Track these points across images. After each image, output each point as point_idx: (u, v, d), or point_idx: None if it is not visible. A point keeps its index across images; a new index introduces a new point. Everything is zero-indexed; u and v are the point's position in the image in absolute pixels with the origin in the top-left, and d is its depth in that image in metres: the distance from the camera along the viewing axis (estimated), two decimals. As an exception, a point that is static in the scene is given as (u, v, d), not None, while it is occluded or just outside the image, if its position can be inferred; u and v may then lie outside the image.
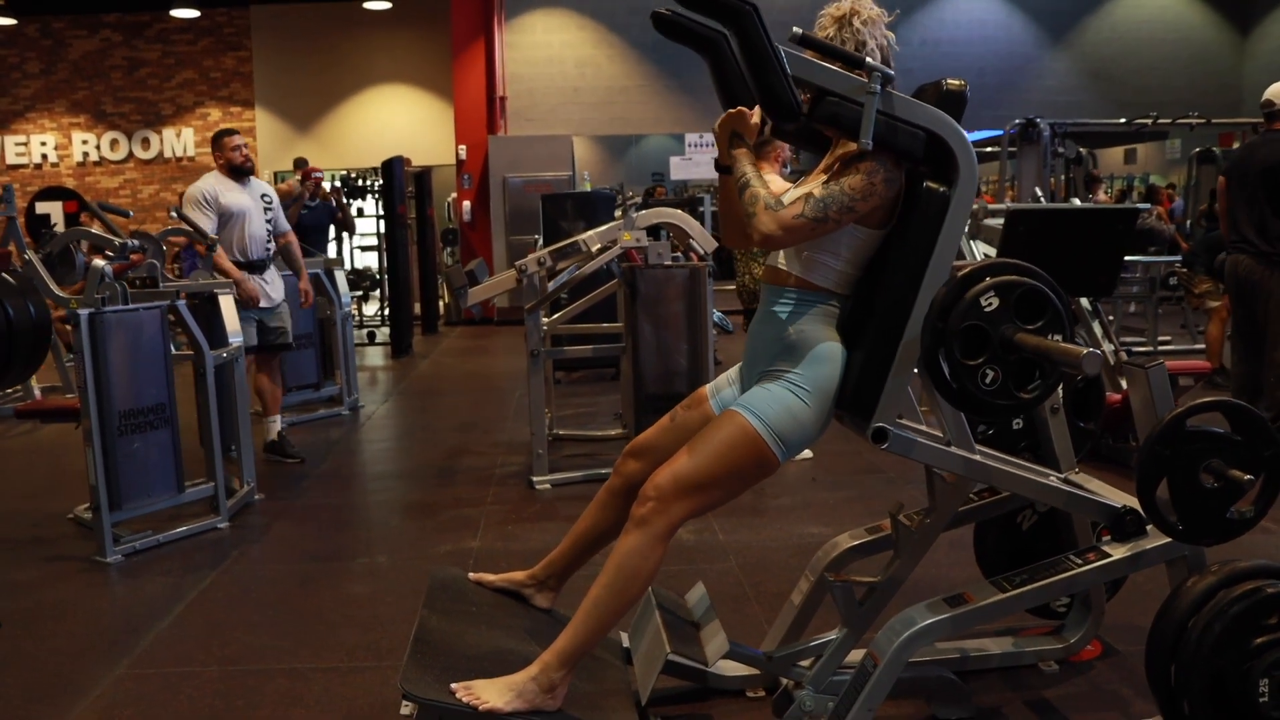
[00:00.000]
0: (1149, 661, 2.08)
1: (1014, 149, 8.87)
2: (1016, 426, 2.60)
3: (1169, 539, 2.16)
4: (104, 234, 4.94)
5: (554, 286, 5.10)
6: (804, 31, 2.03)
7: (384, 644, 2.95)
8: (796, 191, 2.14)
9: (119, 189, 14.24)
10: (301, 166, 10.91)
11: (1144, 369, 2.15)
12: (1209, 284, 7.15)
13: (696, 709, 2.53)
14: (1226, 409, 2.10)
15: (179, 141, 14.29)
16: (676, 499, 2.04)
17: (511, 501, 4.43)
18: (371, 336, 10.92)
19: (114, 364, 3.74)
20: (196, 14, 13.61)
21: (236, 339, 4.49)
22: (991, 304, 1.95)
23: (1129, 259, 7.64)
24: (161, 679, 2.77)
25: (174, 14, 13.51)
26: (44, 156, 14.22)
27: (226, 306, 4.51)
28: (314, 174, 9.24)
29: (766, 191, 2.06)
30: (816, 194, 2.05)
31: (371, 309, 11.98)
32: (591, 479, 4.57)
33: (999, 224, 5.02)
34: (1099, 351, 1.79)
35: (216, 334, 4.41)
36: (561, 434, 5.34)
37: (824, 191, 2.05)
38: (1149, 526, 2.20)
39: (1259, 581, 2.02)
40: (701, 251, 4.88)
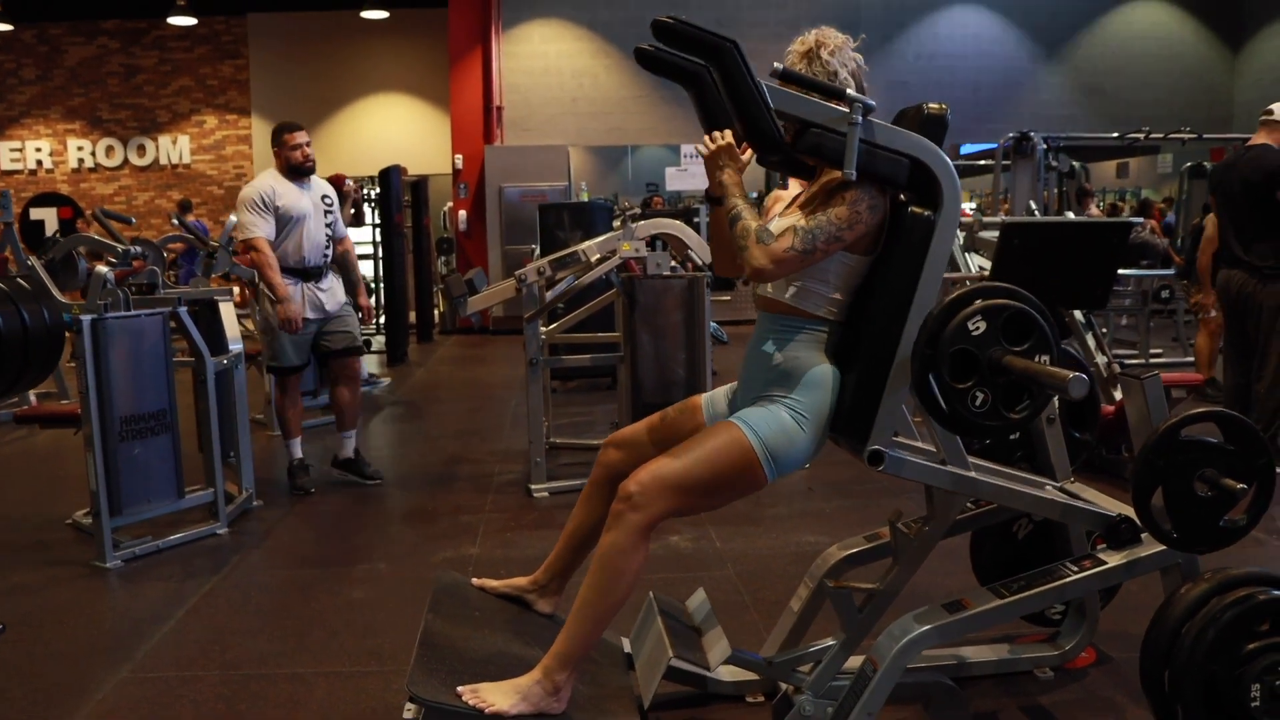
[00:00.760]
0: (1143, 666, 2.12)
1: (1008, 162, 8.93)
2: (1013, 437, 2.63)
3: (1163, 547, 2.20)
4: (106, 240, 4.95)
5: (552, 296, 5.13)
6: (785, 67, 2.08)
7: (386, 649, 2.97)
8: (784, 222, 2.18)
9: (114, 196, 14.26)
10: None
11: (1139, 379, 2.19)
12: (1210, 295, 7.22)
13: (697, 714, 2.55)
14: (1220, 419, 2.14)
15: (175, 149, 14.33)
16: (659, 496, 2.05)
17: (510, 509, 4.46)
18: (367, 344, 10.92)
19: (116, 369, 3.75)
20: (194, 21, 13.66)
21: (236, 346, 4.51)
22: (979, 328, 1.99)
23: (1122, 272, 7.71)
24: (164, 683, 2.79)
25: (171, 21, 13.55)
26: (39, 163, 14.24)
27: (227, 313, 4.54)
28: (345, 182, 8.75)
29: (758, 224, 2.11)
30: (804, 225, 2.09)
31: (367, 317, 11.99)
32: (589, 487, 4.58)
33: (994, 236, 5.06)
34: (1085, 376, 1.83)
35: (217, 341, 4.44)
36: (558, 442, 5.36)
37: (811, 222, 2.09)
38: (1144, 535, 2.24)
39: (1251, 589, 2.06)
40: (699, 261, 4.92)
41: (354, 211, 10.02)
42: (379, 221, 10.88)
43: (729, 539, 3.92)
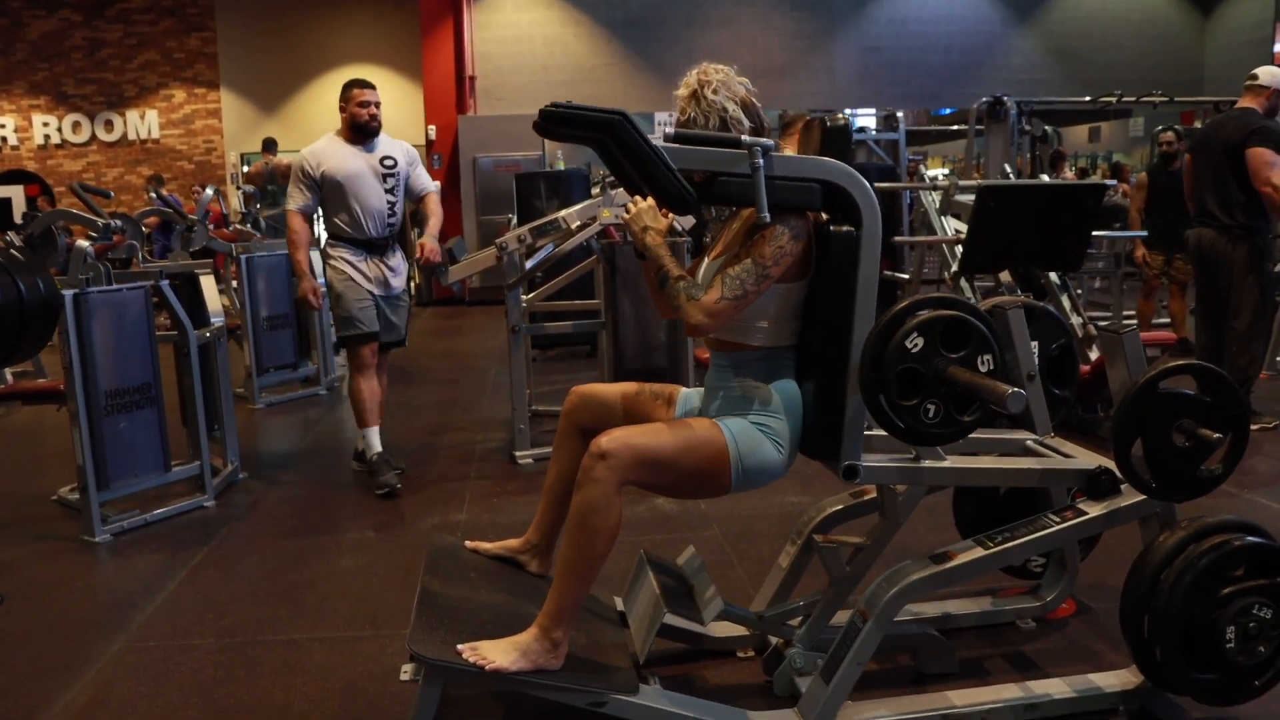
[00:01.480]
0: (1123, 611, 2.18)
1: (981, 127, 8.97)
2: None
3: (1142, 497, 2.26)
4: (86, 214, 4.92)
5: (532, 264, 5.14)
6: (678, 129, 2.12)
7: (380, 614, 3.00)
8: (712, 268, 2.23)
9: (82, 172, 14.06)
10: (270, 148, 10.84)
11: (1119, 334, 2.24)
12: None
13: (689, 669, 2.61)
14: (1196, 371, 2.20)
15: (143, 124, 14.13)
16: (632, 466, 2.07)
17: (494, 476, 4.49)
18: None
19: (99, 344, 3.75)
20: (158, -7, 13.45)
21: (218, 319, 4.49)
22: (917, 345, 2.03)
23: (1095, 234, 7.77)
24: (160, 652, 2.81)
25: (135, -7, 13.33)
26: (3, 140, 14.01)
27: (208, 287, 4.52)
28: None
29: (686, 282, 2.15)
30: (731, 272, 2.12)
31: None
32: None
33: (970, 200, 5.11)
34: (1022, 392, 1.89)
35: (198, 314, 4.42)
36: (540, 410, 5.39)
37: (738, 268, 2.12)
38: (1123, 486, 2.31)
39: (1227, 535, 2.13)
40: (679, 228, 4.93)
41: None
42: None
43: (714, 501, 3.95)
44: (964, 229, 5.27)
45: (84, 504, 3.77)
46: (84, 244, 3.82)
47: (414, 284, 12.03)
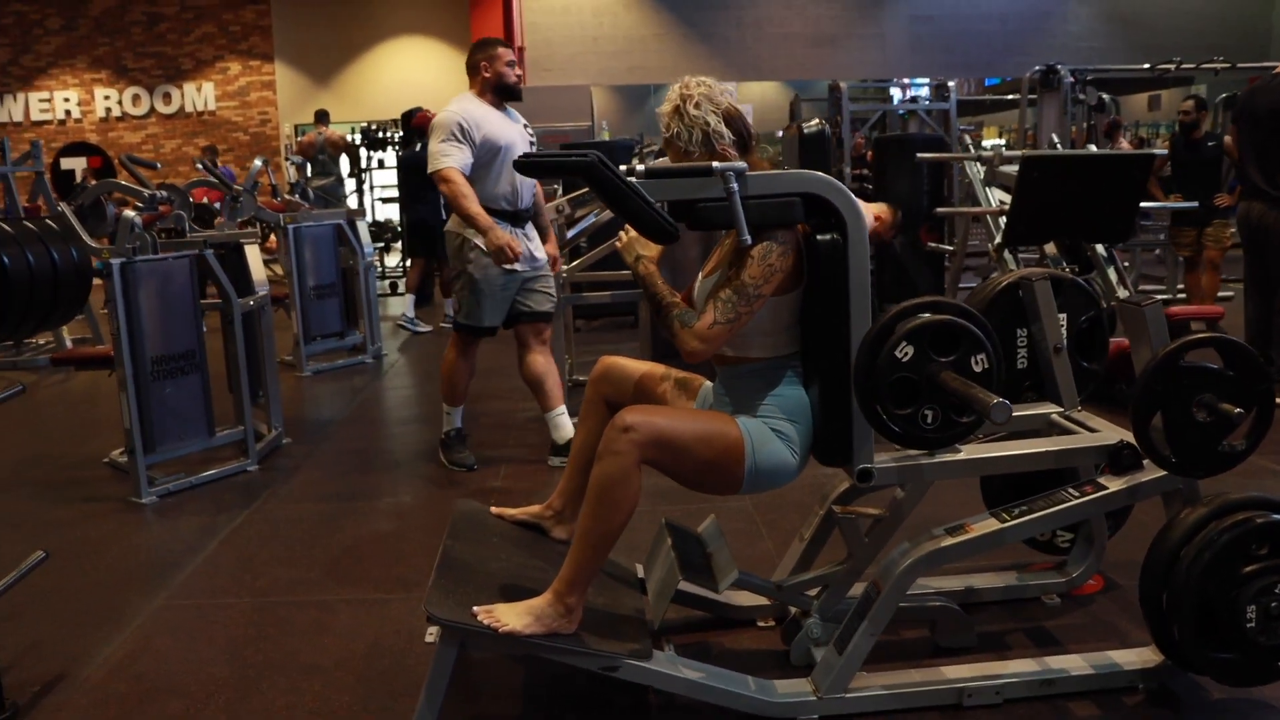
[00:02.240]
0: (1142, 587, 2.16)
1: (1034, 96, 8.79)
2: (1021, 366, 2.66)
3: (1164, 472, 2.23)
4: (133, 185, 5.03)
5: (574, 234, 5.16)
6: (648, 166, 2.12)
7: (411, 577, 3.07)
8: (705, 288, 2.25)
9: (141, 144, 14.36)
10: (323, 120, 10.97)
11: (1140, 306, 2.21)
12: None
13: (710, 637, 2.64)
14: (1220, 345, 2.16)
15: (200, 96, 14.38)
16: (653, 444, 2.09)
17: (533, 445, 4.54)
18: (394, 287, 11.04)
19: (145, 311, 3.85)
20: (214, -33, 13.64)
21: (263, 289, 4.58)
22: (908, 353, 2.03)
23: (1148, 205, 7.61)
24: (197, 610, 2.91)
25: (192, -33, 13.54)
26: (67, 113, 14.34)
27: (252, 256, 4.61)
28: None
29: (680, 309, 2.18)
30: (723, 295, 2.13)
31: (393, 260, 12.07)
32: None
33: (1014, 170, 5.02)
34: (1006, 403, 1.87)
35: (243, 283, 4.52)
36: (581, 380, 5.43)
37: (729, 290, 2.13)
38: (1146, 461, 2.28)
39: (1250, 512, 2.09)
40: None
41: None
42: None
43: (746, 473, 3.97)
44: (1008, 200, 5.18)
45: (131, 466, 3.89)
46: (131, 214, 3.92)
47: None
